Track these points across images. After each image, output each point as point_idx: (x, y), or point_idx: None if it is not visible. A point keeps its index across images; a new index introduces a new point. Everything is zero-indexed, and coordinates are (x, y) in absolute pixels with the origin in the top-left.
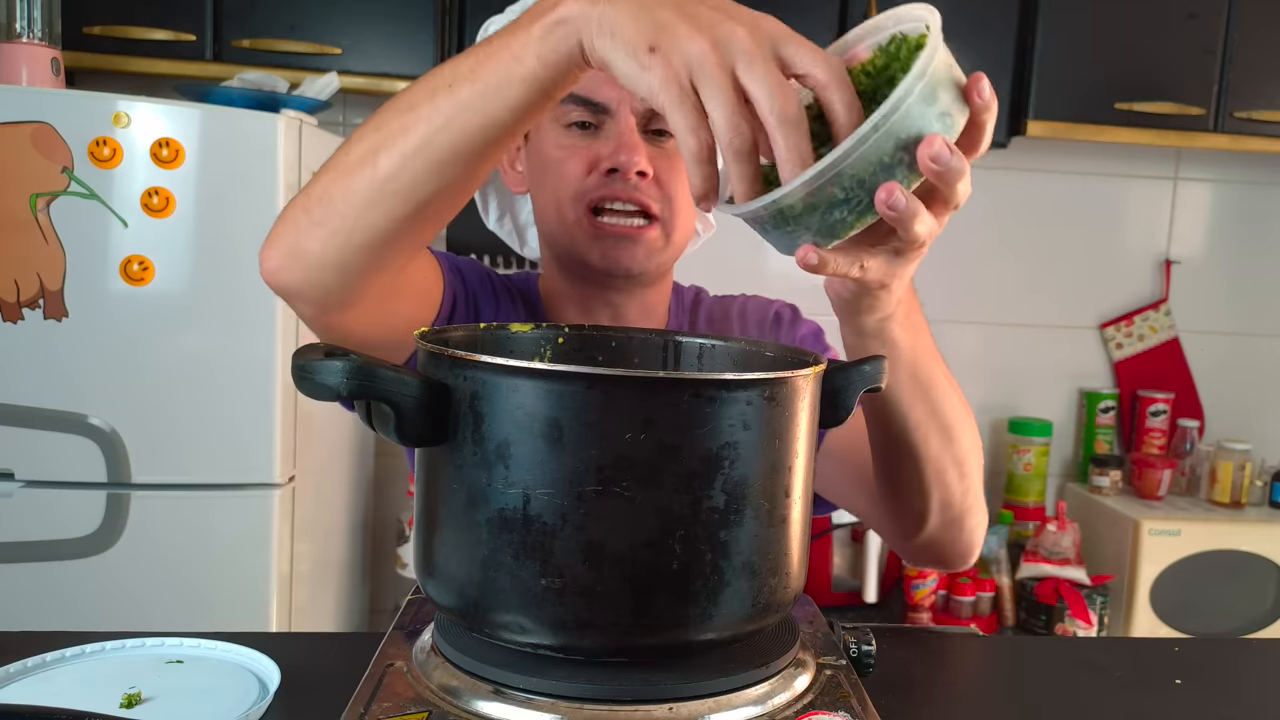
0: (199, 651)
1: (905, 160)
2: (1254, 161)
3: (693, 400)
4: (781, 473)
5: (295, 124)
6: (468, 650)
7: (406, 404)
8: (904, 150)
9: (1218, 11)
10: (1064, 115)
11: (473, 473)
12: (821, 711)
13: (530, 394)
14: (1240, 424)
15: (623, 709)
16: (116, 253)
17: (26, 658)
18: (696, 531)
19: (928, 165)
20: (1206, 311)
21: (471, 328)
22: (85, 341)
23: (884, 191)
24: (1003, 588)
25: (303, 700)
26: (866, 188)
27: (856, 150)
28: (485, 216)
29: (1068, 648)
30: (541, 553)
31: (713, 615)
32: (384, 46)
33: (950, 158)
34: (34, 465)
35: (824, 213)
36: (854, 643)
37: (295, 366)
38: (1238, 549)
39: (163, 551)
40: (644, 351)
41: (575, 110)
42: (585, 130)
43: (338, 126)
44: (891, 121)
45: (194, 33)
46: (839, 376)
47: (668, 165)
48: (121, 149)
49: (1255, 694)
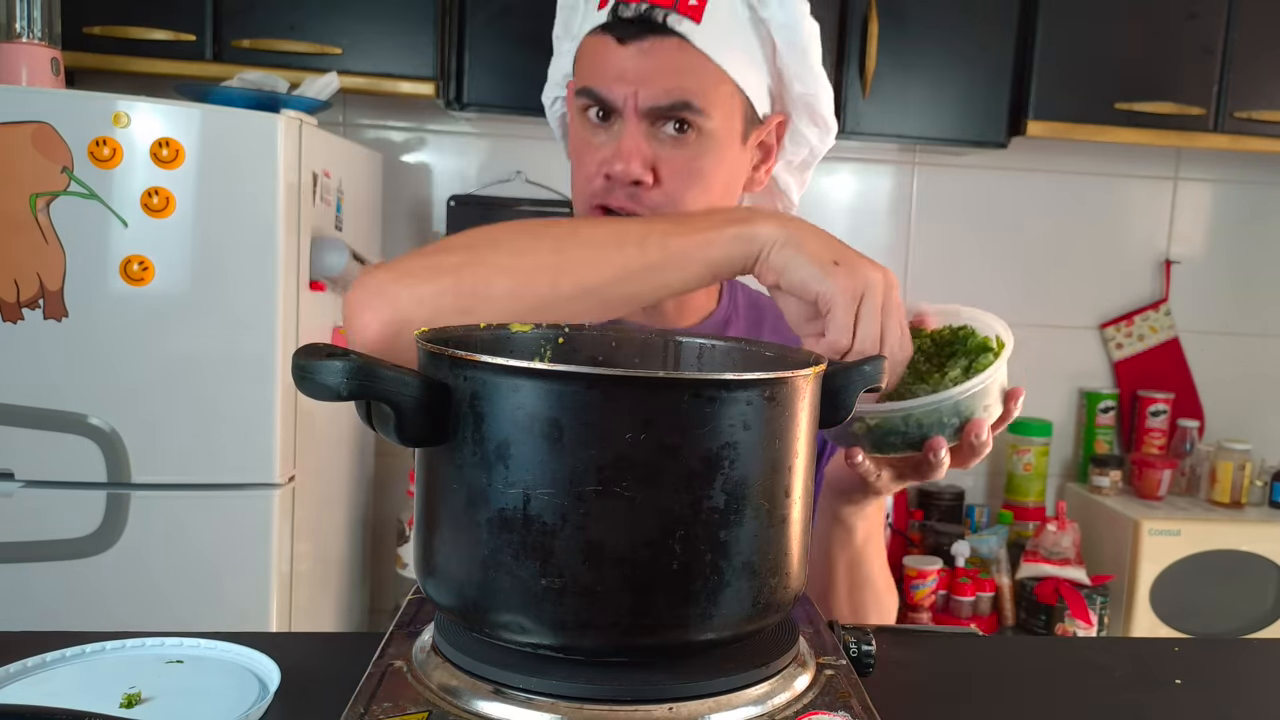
0: (199, 651)
1: (955, 425)
2: (1254, 161)
3: (693, 400)
4: (781, 473)
5: (295, 124)
6: (468, 650)
7: (406, 404)
8: (957, 418)
9: (1218, 11)
10: (1064, 115)
11: (473, 473)
12: (821, 711)
13: (530, 394)
14: (1240, 424)
15: (623, 709)
16: (116, 253)
17: (26, 658)
18: (696, 531)
19: (970, 439)
20: (1206, 311)
21: (471, 327)
22: (85, 341)
23: (935, 443)
24: (1003, 588)
25: (303, 700)
26: (921, 431)
27: (933, 405)
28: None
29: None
30: (541, 553)
31: (713, 615)
32: (384, 46)
33: (985, 439)
34: (34, 465)
35: (885, 434)
36: (854, 643)
37: (295, 366)
38: (1238, 549)
39: (163, 551)
40: (644, 351)
41: (588, 104)
42: (600, 123)
43: (338, 126)
44: (961, 400)
45: (194, 33)
46: (839, 376)
47: (679, 167)
48: (121, 149)
49: (1255, 694)
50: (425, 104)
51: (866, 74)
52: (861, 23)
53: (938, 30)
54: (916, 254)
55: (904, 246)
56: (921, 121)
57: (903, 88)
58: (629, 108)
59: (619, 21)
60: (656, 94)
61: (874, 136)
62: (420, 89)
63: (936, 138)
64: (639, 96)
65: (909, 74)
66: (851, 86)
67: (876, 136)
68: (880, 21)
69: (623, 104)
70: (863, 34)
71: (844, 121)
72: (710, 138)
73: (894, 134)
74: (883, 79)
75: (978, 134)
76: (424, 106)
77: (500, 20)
